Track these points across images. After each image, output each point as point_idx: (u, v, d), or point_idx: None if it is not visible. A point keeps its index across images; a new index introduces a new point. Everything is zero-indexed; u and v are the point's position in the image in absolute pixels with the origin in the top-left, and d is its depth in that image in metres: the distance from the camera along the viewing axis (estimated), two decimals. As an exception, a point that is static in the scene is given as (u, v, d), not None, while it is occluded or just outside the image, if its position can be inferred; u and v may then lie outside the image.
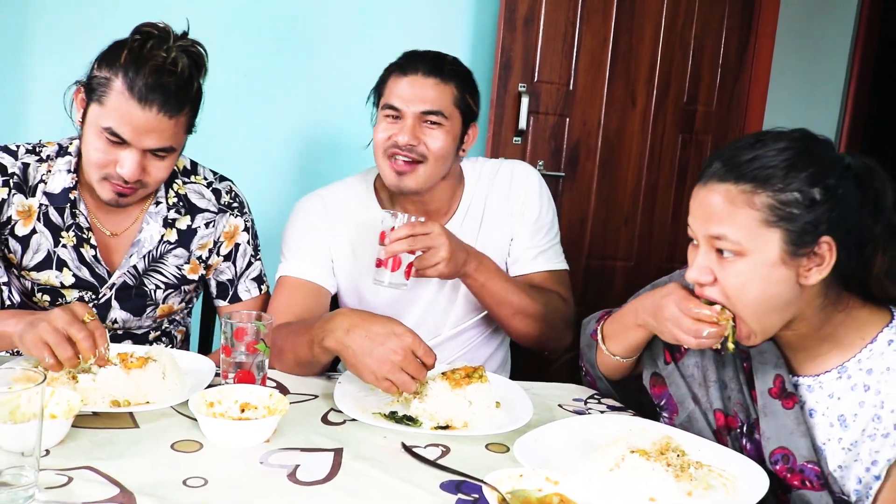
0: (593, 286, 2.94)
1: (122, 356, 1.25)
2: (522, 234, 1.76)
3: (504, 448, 1.21)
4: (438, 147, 1.60)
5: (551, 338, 1.72)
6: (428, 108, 1.59)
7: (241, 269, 1.68)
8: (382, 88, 1.65)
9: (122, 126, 1.37)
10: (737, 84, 3.06)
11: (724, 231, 1.09)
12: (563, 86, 2.79)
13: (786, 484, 1.17)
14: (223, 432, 1.12)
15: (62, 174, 1.51)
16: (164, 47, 1.39)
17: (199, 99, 1.48)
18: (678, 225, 3.06)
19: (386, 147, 1.60)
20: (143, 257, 1.57)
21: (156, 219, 1.58)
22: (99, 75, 1.39)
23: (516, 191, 1.76)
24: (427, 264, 1.50)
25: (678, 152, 3.02)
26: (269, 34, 2.58)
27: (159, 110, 1.37)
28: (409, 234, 1.46)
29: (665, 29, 2.90)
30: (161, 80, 1.37)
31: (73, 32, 2.43)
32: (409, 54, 1.65)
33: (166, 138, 1.42)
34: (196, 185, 1.64)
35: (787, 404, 1.18)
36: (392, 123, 1.60)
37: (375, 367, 1.26)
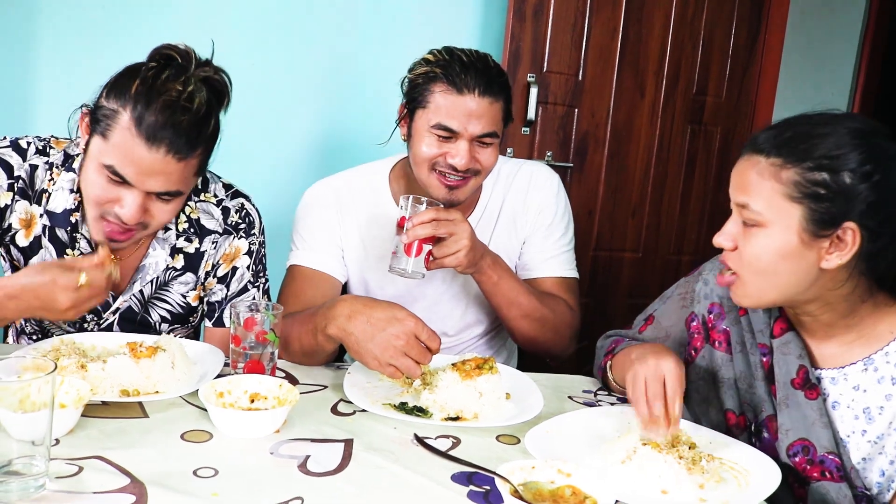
0: (601, 277, 2.93)
1: (131, 345, 1.25)
2: (535, 237, 1.74)
3: (515, 440, 1.20)
4: (490, 162, 1.58)
5: (556, 344, 1.70)
6: (486, 130, 1.53)
7: (232, 293, 1.54)
8: (425, 98, 1.53)
9: (126, 167, 1.25)
10: (746, 75, 3.04)
11: (748, 201, 1.11)
12: (571, 76, 2.77)
13: (803, 476, 1.16)
14: (233, 423, 1.12)
15: (64, 192, 1.41)
16: (181, 79, 1.27)
17: (214, 138, 1.35)
18: (686, 216, 3.05)
19: (437, 164, 1.55)
20: (148, 283, 1.50)
21: (163, 245, 1.48)
22: (106, 106, 1.26)
23: (533, 194, 1.74)
24: (448, 251, 1.46)
25: (687, 143, 3.00)
26: (277, 24, 2.57)
27: (168, 151, 1.24)
28: (434, 217, 1.44)
29: (675, 19, 2.88)
30: (173, 117, 1.23)
31: (79, 30, 2.42)
32: (454, 61, 1.52)
33: (173, 182, 1.29)
34: (205, 205, 1.53)
35: (811, 395, 1.18)
36: (443, 142, 1.53)
37: (378, 352, 1.25)
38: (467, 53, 1.55)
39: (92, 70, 2.32)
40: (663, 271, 3.02)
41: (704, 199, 3.07)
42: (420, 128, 1.55)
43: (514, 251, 1.75)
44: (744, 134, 3.09)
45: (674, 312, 1.43)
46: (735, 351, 1.30)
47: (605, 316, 2.84)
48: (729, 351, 1.30)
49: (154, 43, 1.37)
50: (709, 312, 1.35)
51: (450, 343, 1.79)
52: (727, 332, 1.32)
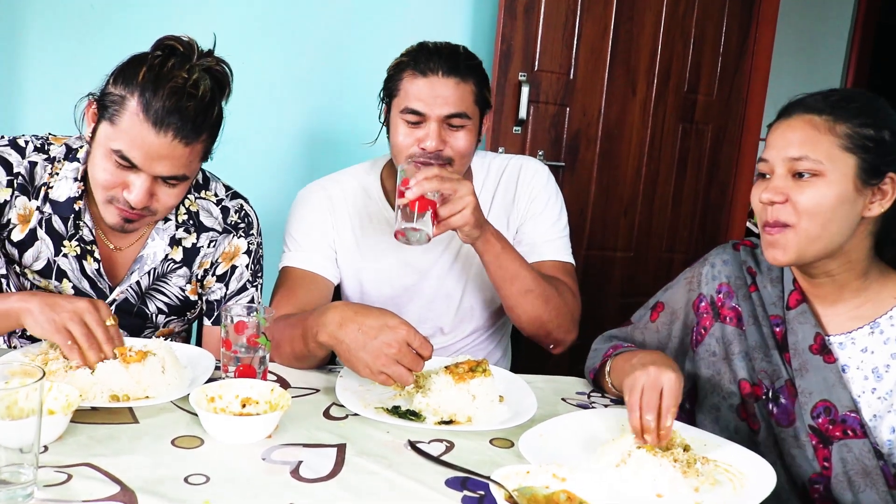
0: (593, 276, 2.93)
1: (120, 350, 1.23)
2: (529, 223, 1.73)
3: (508, 443, 1.20)
4: (464, 147, 1.57)
5: (559, 327, 1.63)
6: (452, 110, 1.53)
7: (231, 292, 1.56)
8: (396, 87, 1.58)
9: (134, 150, 1.29)
10: (737, 73, 3.04)
11: (806, 152, 1.19)
12: (563, 75, 2.76)
13: (827, 437, 1.22)
14: (225, 428, 1.11)
15: (68, 181, 1.43)
16: (186, 66, 1.31)
17: (218, 125, 1.39)
18: (678, 215, 3.05)
19: (411, 153, 1.55)
20: (145, 274, 1.51)
21: (162, 236, 1.50)
22: (113, 92, 1.30)
23: (523, 186, 1.74)
24: (454, 209, 1.43)
25: (678, 142, 3.00)
26: (266, 24, 2.55)
27: (175, 136, 1.28)
28: (437, 174, 1.42)
29: (666, 17, 2.88)
30: (180, 103, 1.27)
31: (70, 25, 2.39)
32: (421, 50, 1.57)
33: (180, 166, 1.33)
34: (205, 202, 1.55)
35: (829, 359, 1.25)
36: (413, 128, 1.55)
37: (370, 360, 1.24)
38: (437, 43, 1.59)
39: (79, 69, 2.30)
40: (655, 270, 3.02)
41: (696, 197, 3.07)
42: (394, 118, 1.58)
43: (507, 237, 1.74)
44: (735, 131, 3.09)
45: (681, 296, 1.48)
46: (748, 324, 1.35)
47: (597, 315, 2.83)
48: (740, 325, 1.36)
49: (143, 42, 1.39)
50: (717, 293, 1.41)
51: (445, 342, 1.78)
52: (737, 308, 1.38)
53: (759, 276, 1.38)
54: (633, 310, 1.61)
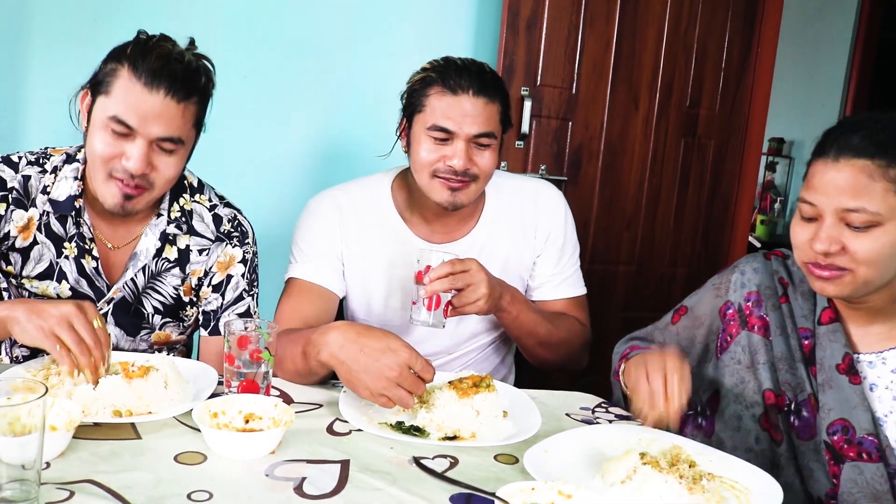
0: (596, 291, 2.90)
1: (123, 365, 1.23)
2: (548, 260, 1.76)
3: (513, 459, 1.19)
4: (489, 166, 1.59)
5: (570, 363, 1.75)
6: (481, 130, 1.54)
7: (227, 302, 1.57)
8: (421, 103, 1.57)
9: (129, 112, 1.33)
10: (739, 88, 3.05)
11: (862, 204, 1.14)
12: (565, 89, 2.77)
13: (839, 455, 1.21)
14: (228, 444, 1.10)
15: (68, 181, 1.46)
16: (170, 42, 1.39)
17: (207, 93, 1.44)
18: (681, 229, 3.05)
19: (437, 169, 1.56)
20: (140, 271, 1.52)
21: (154, 231, 1.51)
22: (104, 69, 1.37)
23: (543, 216, 1.76)
24: (467, 301, 1.49)
25: (681, 156, 3.00)
26: (272, 38, 2.56)
27: (167, 93, 1.33)
28: (449, 272, 1.45)
29: (668, 33, 2.89)
30: (168, 65, 1.34)
31: (72, 37, 2.40)
32: (449, 66, 1.57)
33: (174, 127, 1.37)
34: (198, 206, 1.57)
35: (855, 380, 1.24)
36: (440, 144, 1.55)
37: (371, 383, 1.23)
38: (463, 59, 1.59)
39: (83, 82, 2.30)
40: (658, 284, 3.02)
41: (699, 211, 3.07)
42: (418, 132, 1.58)
43: (524, 267, 1.76)
44: (737, 146, 3.10)
45: (708, 302, 1.46)
46: (775, 335, 1.34)
47: (600, 329, 2.81)
48: (767, 335, 1.35)
49: None
50: (746, 300, 1.39)
51: (450, 359, 1.78)
52: (764, 318, 1.36)
53: (790, 288, 1.36)
54: (636, 324, 1.62)
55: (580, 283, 1.82)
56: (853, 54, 4.79)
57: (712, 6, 2.93)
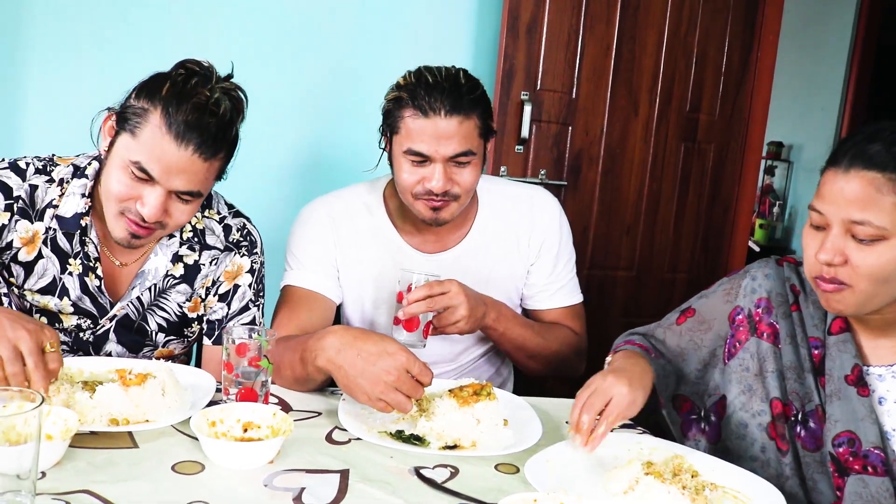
0: (595, 296, 2.91)
1: (120, 373, 1.21)
2: (542, 268, 1.75)
3: (514, 469, 1.18)
4: (470, 183, 1.56)
5: (563, 372, 1.74)
6: (458, 150, 1.50)
7: (233, 312, 1.55)
8: (396, 124, 1.53)
9: (153, 162, 1.28)
10: (739, 93, 3.04)
11: (868, 217, 1.11)
12: (565, 94, 2.76)
13: (844, 467, 1.19)
14: (226, 454, 1.09)
15: (75, 197, 1.42)
16: (208, 86, 1.32)
17: (234, 145, 1.39)
18: (680, 234, 3.04)
19: (417, 192, 1.54)
20: (147, 290, 1.49)
21: (165, 252, 1.48)
22: (135, 105, 1.30)
23: (537, 223, 1.74)
24: (446, 322, 1.50)
25: (681, 161, 2.99)
26: (266, 43, 2.55)
27: (195, 151, 1.29)
28: (427, 294, 1.45)
29: (668, 37, 2.88)
30: (202, 119, 1.29)
31: (70, 44, 2.39)
32: (419, 83, 1.50)
33: (196, 182, 1.33)
34: (209, 221, 1.54)
35: (863, 392, 1.21)
36: (418, 167, 1.53)
37: (368, 387, 1.22)
38: (435, 73, 1.52)
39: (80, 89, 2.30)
40: (658, 290, 3.01)
41: (699, 216, 3.06)
42: (397, 154, 1.56)
43: (519, 275, 1.75)
44: (737, 151, 3.09)
45: (717, 306, 1.43)
46: (784, 343, 1.31)
47: (599, 335, 2.80)
48: (776, 343, 1.32)
49: (143, 64, 1.41)
50: (756, 307, 1.36)
51: (448, 367, 1.76)
52: (774, 325, 1.33)
53: (802, 296, 1.33)
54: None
55: (576, 291, 1.81)
56: (852, 58, 4.79)
57: (712, 11, 2.93)
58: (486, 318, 1.57)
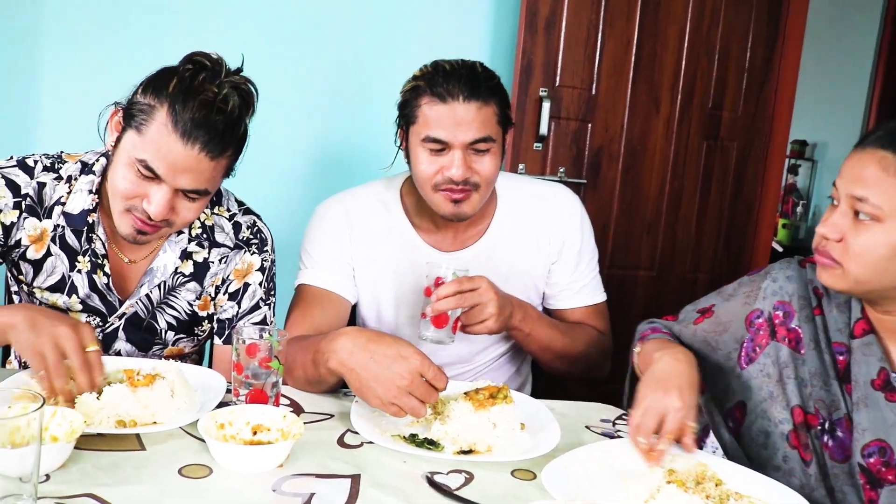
0: (615, 296, 2.84)
1: (128, 373, 1.19)
2: (564, 267, 1.70)
3: (531, 475, 1.14)
4: (490, 171, 1.52)
5: (589, 373, 1.69)
6: (477, 136, 1.47)
7: (243, 311, 1.52)
8: (413, 114, 1.50)
9: (159, 161, 1.26)
10: (763, 90, 2.98)
11: (867, 194, 1.11)
12: (585, 90, 2.72)
13: (877, 478, 1.14)
14: (234, 457, 1.06)
15: (83, 194, 1.39)
16: (216, 81, 1.28)
17: (243, 141, 1.36)
18: (702, 233, 2.99)
19: (436, 182, 1.50)
20: (155, 287, 1.47)
21: (174, 248, 1.46)
22: (141, 101, 1.28)
23: (556, 221, 1.69)
24: (475, 321, 1.45)
25: (703, 159, 2.94)
26: (284, 37, 2.53)
27: (202, 150, 1.26)
28: (457, 290, 1.40)
29: (690, 33, 2.83)
30: (209, 117, 1.25)
31: (84, 41, 2.39)
32: (437, 72, 1.49)
33: (203, 180, 1.30)
34: (218, 218, 1.52)
35: (892, 397, 1.16)
36: (436, 155, 1.49)
37: (381, 391, 1.18)
38: (452, 63, 1.51)
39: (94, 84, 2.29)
40: (679, 290, 2.96)
41: (721, 215, 3.00)
42: (414, 144, 1.52)
43: (539, 274, 1.70)
44: (761, 149, 3.03)
45: (735, 309, 1.38)
46: (808, 349, 1.26)
47: (618, 336, 2.76)
48: (798, 348, 1.27)
49: (156, 58, 1.37)
50: (776, 310, 1.31)
51: (464, 368, 1.73)
52: (796, 330, 1.28)
53: (825, 299, 1.27)
54: (655, 331, 1.55)
55: (599, 289, 1.76)
56: (879, 55, 4.69)
57: (735, 5, 2.87)
58: (512, 318, 1.52)
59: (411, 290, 1.65)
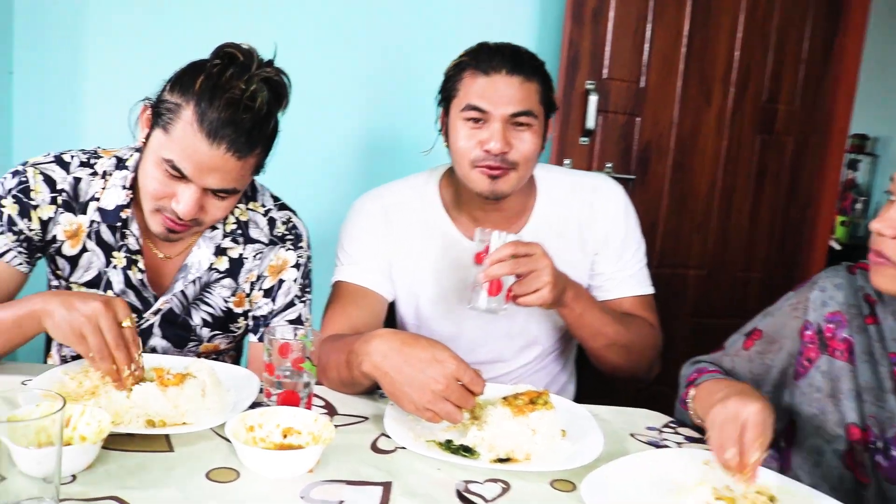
0: (663, 296, 2.75)
1: (157, 372, 1.17)
2: (608, 258, 1.63)
3: (571, 486, 1.08)
4: (530, 150, 1.48)
5: (642, 368, 1.60)
6: (518, 108, 1.44)
7: (278, 308, 1.49)
8: (454, 88, 1.50)
9: (185, 161, 1.24)
10: (822, 81, 2.84)
11: None
12: (633, 83, 2.63)
13: None
14: (262, 462, 1.03)
15: (116, 189, 1.39)
16: (244, 77, 1.25)
17: (273, 138, 1.34)
18: (756, 231, 2.87)
19: (474, 157, 1.47)
20: (191, 283, 1.46)
21: (208, 244, 1.45)
22: (169, 100, 1.26)
23: (599, 212, 1.63)
24: (528, 289, 1.36)
25: (757, 154, 2.82)
26: (325, 26, 2.51)
27: (228, 149, 1.24)
28: (512, 253, 1.33)
29: (744, 22, 2.71)
30: (235, 115, 1.23)
31: (129, 35, 2.40)
32: (482, 49, 1.49)
33: (230, 180, 1.28)
34: (253, 213, 1.49)
35: None
36: (476, 128, 1.46)
37: (415, 396, 1.14)
38: (497, 43, 1.51)
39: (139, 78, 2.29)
40: (731, 290, 2.85)
41: (775, 212, 2.88)
42: (454, 119, 1.50)
43: (583, 267, 1.63)
44: (819, 144, 2.89)
45: (786, 323, 1.30)
46: (860, 361, 1.18)
47: (668, 337, 2.67)
48: (851, 361, 1.19)
49: (197, 47, 1.35)
50: (827, 321, 1.24)
51: (506, 368, 1.68)
52: (849, 340, 1.20)
53: (879, 306, 1.19)
54: (705, 330, 1.49)
55: (647, 282, 1.68)
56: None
57: (793, -8, 2.75)
58: (565, 293, 1.44)
59: (449, 284, 1.61)
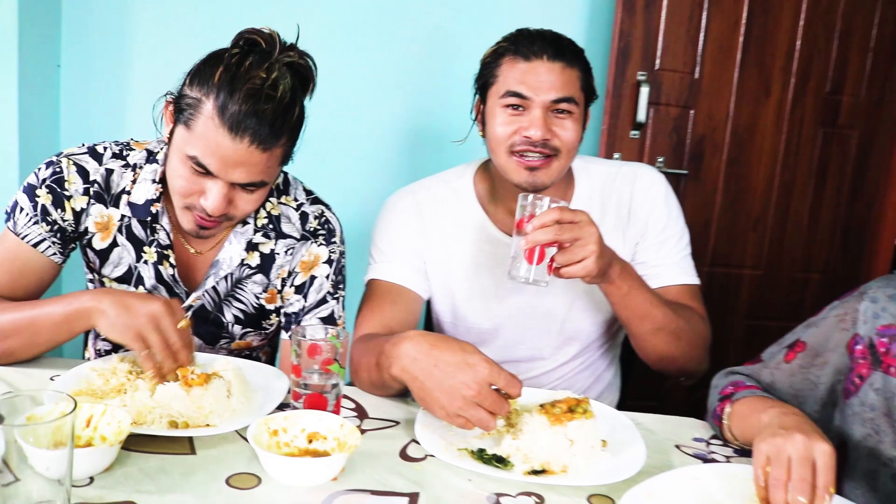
0: (717, 296, 2.67)
1: (182, 371, 1.14)
2: (649, 247, 1.55)
3: (609, 502, 1.02)
4: (572, 138, 1.42)
5: (692, 359, 1.48)
6: (560, 94, 1.39)
7: (310, 305, 1.45)
8: (493, 74, 1.45)
9: (209, 157, 1.21)
10: (891, 71, 2.69)
11: None
12: (687, 74, 2.53)
13: None
14: (284, 469, 0.99)
15: (147, 183, 1.37)
16: (264, 65, 1.21)
17: (299, 126, 1.29)
18: (815, 230, 2.74)
19: (513, 143, 1.41)
20: (222, 279, 1.43)
21: (239, 239, 1.42)
22: (189, 95, 1.23)
23: (640, 198, 1.55)
24: (573, 259, 1.26)
25: (818, 149, 2.69)
26: (369, 19, 2.47)
27: (252, 142, 1.20)
28: (556, 220, 1.24)
29: (806, 9, 2.58)
30: (257, 106, 1.18)
31: (175, 30, 2.40)
32: (521, 35, 1.45)
33: (257, 173, 1.25)
34: (285, 207, 1.46)
35: None
36: (516, 115, 1.41)
37: (445, 402, 1.08)
38: (538, 29, 1.46)
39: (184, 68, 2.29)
40: (788, 291, 2.73)
41: (837, 210, 2.75)
42: (492, 107, 1.44)
43: (624, 256, 1.55)
44: (886, 138, 2.74)
45: (832, 336, 1.20)
46: None
47: (720, 339, 2.57)
48: None
49: None
50: (881, 335, 1.14)
51: (545, 367, 1.61)
52: None
53: None
54: (760, 333, 1.39)
55: (692, 272, 1.57)
56: None
57: (860, -23, 2.60)
58: (611, 268, 1.34)
59: (486, 280, 1.55)
